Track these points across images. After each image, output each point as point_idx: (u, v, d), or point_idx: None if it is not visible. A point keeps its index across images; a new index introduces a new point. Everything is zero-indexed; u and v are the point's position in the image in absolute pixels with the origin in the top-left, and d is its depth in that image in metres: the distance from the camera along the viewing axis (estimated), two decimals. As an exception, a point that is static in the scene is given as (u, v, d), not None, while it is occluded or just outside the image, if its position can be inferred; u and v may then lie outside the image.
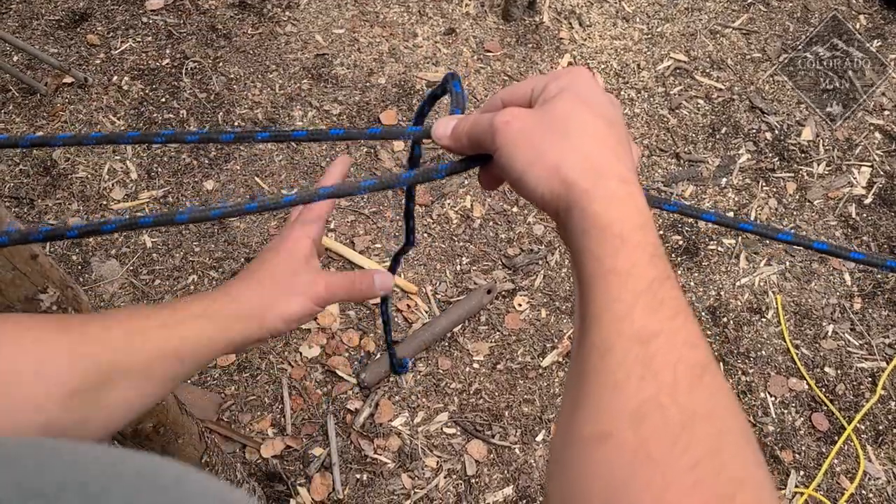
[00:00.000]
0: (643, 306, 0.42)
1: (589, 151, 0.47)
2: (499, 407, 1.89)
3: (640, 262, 0.43)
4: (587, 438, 0.40)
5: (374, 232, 2.15)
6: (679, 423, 0.38)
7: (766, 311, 2.11)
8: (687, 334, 0.42)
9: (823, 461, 1.88)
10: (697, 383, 0.40)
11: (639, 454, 0.37)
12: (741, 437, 0.40)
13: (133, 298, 1.97)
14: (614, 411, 0.40)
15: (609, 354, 0.41)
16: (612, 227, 0.44)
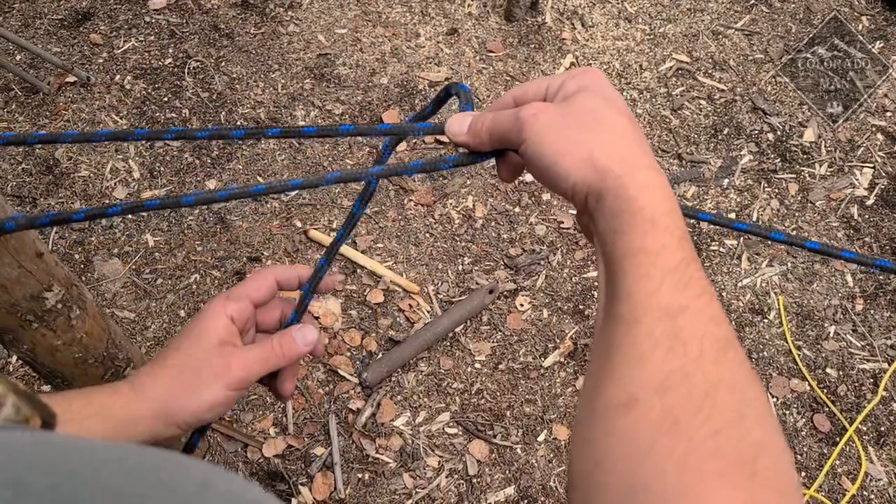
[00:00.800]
0: (671, 283, 0.44)
1: (618, 143, 0.49)
2: (500, 407, 1.89)
3: (669, 244, 0.45)
4: (614, 406, 0.41)
5: (377, 232, 2.15)
6: (703, 392, 0.39)
7: (768, 311, 2.11)
8: (712, 312, 0.44)
9: (825, 462, 1.88)
10: (722, 357, 0.41)
11: (664, 421, 0.39)
12: (762, 408, 0.41)
13: (135, 297, 1.97)
14: (641, 380, 0.41)
15: (637, 326, 0.43)
16: (644, 211, 0.46)
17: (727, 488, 0.36)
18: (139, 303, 1.97)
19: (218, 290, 2.00)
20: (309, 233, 2.10)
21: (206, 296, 1.99)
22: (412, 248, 2.14)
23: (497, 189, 2.27)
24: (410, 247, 2.14)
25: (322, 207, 2.18)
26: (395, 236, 2.16)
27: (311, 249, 2.09)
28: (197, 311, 1.97)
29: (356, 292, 2.03)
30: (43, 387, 1.77)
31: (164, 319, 1.95)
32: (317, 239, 2.09)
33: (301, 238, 2.11)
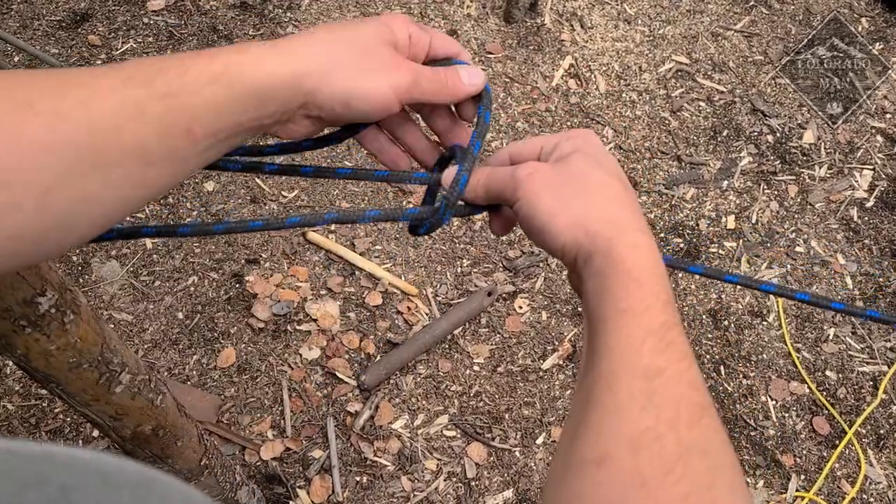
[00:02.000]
0: (652, 345, 0.45)
1: (609, 206, 0.51)
2: (499, 410, 1.89)
3: (654, 306, 0.46)
4: (586, 461, 0.42)
5: (375, 234, 2.15)
6: (675, 454, 0.40)
7: (768, 314, 2.11)
8: (691, 377, 0.44)
9: (824, 465, 1.88)
10: (697, 421, 0.42)
11: (634, 479, 0.39)
12: (734, 475, 0.42)
13: (133, 299, 1.97)
14: (615, 436, 0.41)
15: (616, 384, 0.44)
16: (631, 272, 0.48)
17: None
18: (137, 305, 1.96)
19: (216, 293, 2.00)
20: (307, 235, 2.10)
21: (204, 298, 1.99)
22: (411, 250, 2.13)
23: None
24: (409, 249, 2.13)
25: (320, 209, 2.17)
26: (394, 238, 2.15)
27: (309, 251, 2.09)
28: (195, 313, 1.96)
29: (354, 294, 2.02)
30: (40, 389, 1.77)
31: (161, 322, 1.95)
32: (315, 241, 2.09)
33: (299, 240, 2.11)
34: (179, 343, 1.92)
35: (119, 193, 0.44)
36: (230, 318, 1.96)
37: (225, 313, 1.97)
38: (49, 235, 0.42)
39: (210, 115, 0.46)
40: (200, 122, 0.45)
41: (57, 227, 0.42)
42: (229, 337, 1.93)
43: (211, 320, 1.95)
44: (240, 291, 2.00)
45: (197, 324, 1.95)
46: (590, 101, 2.51)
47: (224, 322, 1.95)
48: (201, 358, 1.90)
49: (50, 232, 0.42)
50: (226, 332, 1.94)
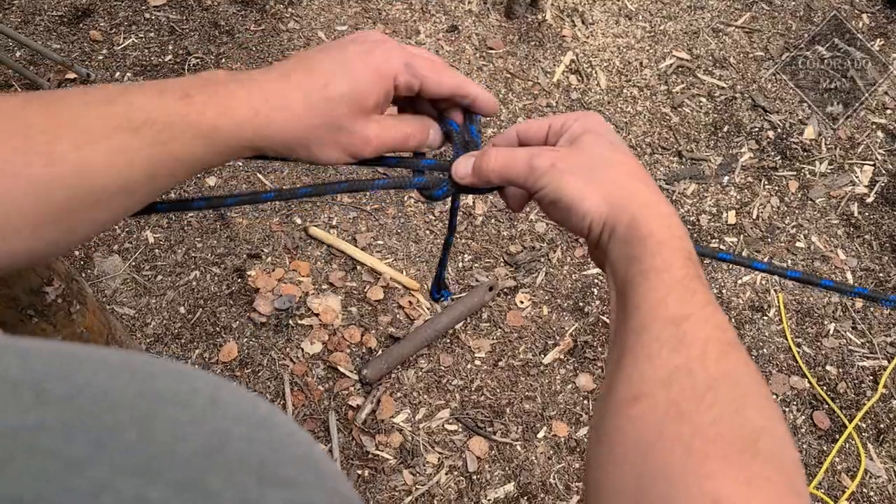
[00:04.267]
0: (676, 295, 0.47)
1: (628, 183, 0.55)
2: (500, 404, 1.90)
3: (676, 262, 0.49)
4: (623, 401, 0.44)
5: (377, 229, 2.15)
6: (705, 384, 0.42)
7: (768, 309, 2.11)
8: (717, 320, 0.47)
9: (824, 459, 1.88)
10: (724, 356, 0.44)
11: (670, 411, 0.42)
12: (764, 399, 0.44)
13: (135, 294, 1.97)
14: (647, 377, 0.44)
15: (645, 333, 0.47)
16: (654, 236, 0.51)
17: (731, 468, 0.39)
18: (139, 299, 1.97)
19: (218, 288, 2.01)
20: (309, 230, 2.10)
21: (205, 292, 1.99)
22: (412, 245, 2.14)
23: (497, 186, 2.27)
24: (410, 244, 2.14)
25: (322, 204, 2.18)
26: (396, 233, 2.15)
27: (311, 246, 2.09)
28: (197, 308, 1.97)
29: (356, 289, 2.03)
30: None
31: (163, 316, 1.95)
32: (317, 236, 2.09)
33: (301, 235, 2.11)
34: (181, 337, 1.92)
35: (104, 218, 0.49)
36: (232, 313, 1.96)
37: (227, 308, 1.97)
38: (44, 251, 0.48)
39: (193, 162, 0.50)
40: (183, 167, 0.50)
41: (54, 245, 0.47)
42: (231, 331, 1.94)
43: (213, 315, 1.96)
44: (242, 286, 2.00)
45: (199, 318, 1.95)
46: (591, 97, 2.52)
47: (226, 316, 1.96)
48: (203, 352, 1.90)
49: (46, 249, 0.47)
50: (228, 327, 1.94)
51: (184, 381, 0.28)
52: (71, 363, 0.27)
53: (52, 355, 0.27)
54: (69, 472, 0.22)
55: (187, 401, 0.27)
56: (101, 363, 0.27)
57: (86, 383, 0.26)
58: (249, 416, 0.28)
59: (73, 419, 0.24)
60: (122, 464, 0.23)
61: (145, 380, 0.27)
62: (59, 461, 0.22)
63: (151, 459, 0.24)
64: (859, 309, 2.13)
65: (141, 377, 0.27)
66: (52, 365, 0.26)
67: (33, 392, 0.24)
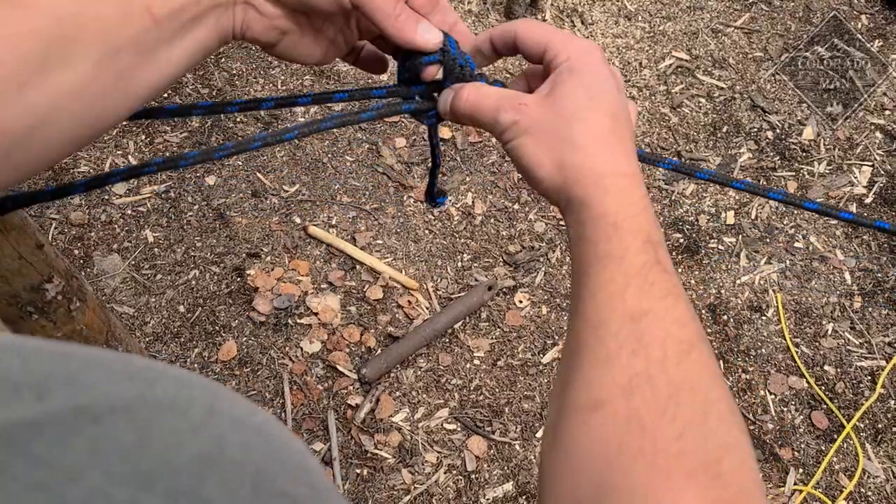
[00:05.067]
0: (635, 287, 0.45)
1: (590, 150, 0.50)
2: (499, 403, 1.90)
3: (633, 247, 0.46)
4: (582, 407, 0.43)
5: (376, 228, 2.15)
6: (666, 394, 0.41)
7: (767, 309, 2.12)
8: (677, 314, 0.45)
9: (823, 459, 1.89)
10: (685, 358, 0.43)
11: (631, 423, 0.40)
12: (726, 407, 0.43)
13: (135, 293, 1.97)
14: (607, 382, 0.42)
15: (602, 328, 0.44)
16: (607, 217, 0.48)
17: (693, 488, 0.38)
18: (138, 298, 1.97)
19: (217, 287, 2.01)
20: (308, 229, 2.10)
21: (205, 291, 1.99)
22: (411, 244, 2.14)
23: (496, 186, 2.27)
24: (410, 243, 2.14)
25: (321, 204, 2.18)
26: (395, 233, 2.16)
27: (310, 245, 2.09)
28: (196, 307, 1.97)
29: (355, 288, 2.03)
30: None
31: (163, 315, 1.95)
32: (316, 235, 2.09)
33: (300, 234, 2.11)
34: (181, 336, 1.92)
35: (95, 86, 0.45)
36: (231, 312, 1.97)
37: (226, 307, 1.97)
38: (35, 134, 0.43)
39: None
40: (157, 1, 0.46)
41: (40, 123, 0.43)
42: (230, 330, 1.94)
43: (212, 314, 1.96)
44: (241, 285, 2.01)
45: (198, 317, 1.95)
46: (590, 97, 2.52)
47: (225, 315, 1.96)
48: (203, 351, 1.90)
49: (35, 129, 0.43)
50: (227, 326, 1.94)
51: (182, 389, 0.28)
52: (72, 365, 0.27)
53: (54, 356, 0.27)
54: (63, 482, 0.22)
55: (185, 408, 0.27)
56: (102, 366, 0.27)
57: (87, 386, 0.26)
58: (246, 425, 0.28)
59: (71, 423, 0.24)
60: (116, 470, 0.23)
61: (145, 385, 0.27)
62: (54, 470, 0.22)
63: (147, 467, 0.23)
64: (857, 309, 2.14)
65: (140, 382, 0.27)
66: (54, 366, 0.26)
67: (34, 393, 0.24)
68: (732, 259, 2.21)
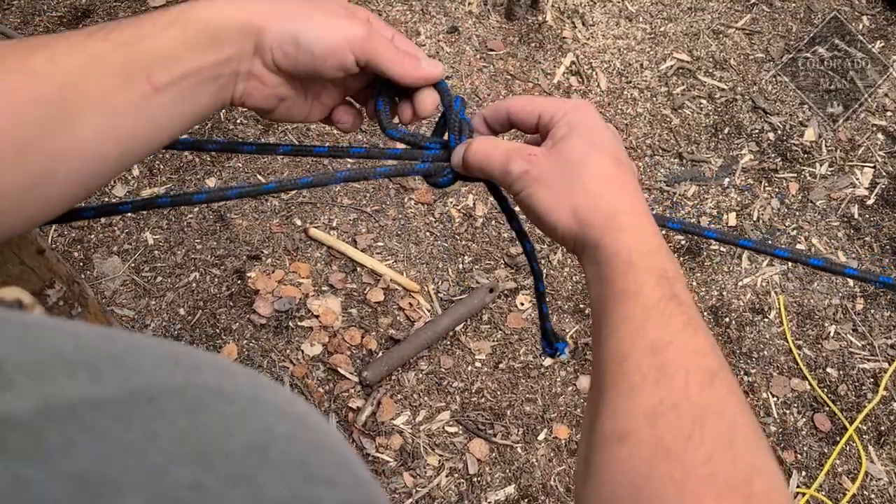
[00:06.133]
0: (654, 321, 0.46)
1: (600, 193, 0.53)
2: (501, 406, 1.89)
3: (648, 283, 0.48)
4: (609, 439, 0.43)
5: (377, 230, 2.15)
6: (691, 420, 0.42)
7: (769, 311, 2.11)
8: (697, 345, 0.46)
9: (825, 462, 1.88)
10: (707, 385, 0.44)
11: (658, 450, 0.41)
12: (752, 431, 0.43)
13: (135, 295, 1.97)
14: (632, 412, 0.44)
15: (625, 362, 0.45)
16: (621, 255, 0.50)
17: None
18: (139, 301, 1.96)
19: (218, 289, 2.00)
20: (309, 231, 2.10)
21: (205, 294, 1.99)
22: (412, 246, 2.13)
23: (497, 188, 2.27)
24: (411, 245, 2.13)
25: (322, 206, 2.17)
26: (396, 235, 2.15)
27: (311, 248, 2.09)
28: (197, 309, 1.96)
29: (356, 291, 2.02)
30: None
31: (163, 318, 1.95)
32: (317, 237, 2.09)
33: (301, 237, 2.11)
34: (181, 339, 1.92)
35: (93, 149, 0.46)
36: (232, 315, 1.96)
37: (227, 309, 1.97)
38: (32, 193, 0.44)
39: (167, 61, 0.47)
40: (158, 70, 0.47)
41: (37, 183, 0.44)
42: (231, 333, 1.93)
43: (213, 316, 1.95)
44: (241, 287, 2.00)
45: (199, 320, 1.95)
46: (591, 99, 2.51)
47: (226, 318, 1.95)
48: (203, 354, 1.90)
49: (32, 189, 0.44)
50: (227, 329, 1.94)
51: (226, 376, 0.28)
52: (118, 347, 0.27)
53: (101, 338, 0.28)
54: (127, 456, 0.22)
55: (231, 396, 0.27)
56: (147, 350, 0.28)
57: (136, 369, 0.26)
58: (290, 415, 0.29)
59: (129, 404, 0.24)
60: (175, 451, 0.23)
61: (190, 371, 0.28)
62: (118, 444, 0.23)
63: (202, 450, 0.24)
64: (860, 311, 2.13)
65: (186, 368, 0.28)
66: (103, 348, 0.27)
67: (88, 373, 0.25)
68: (734, 261, 2.20)
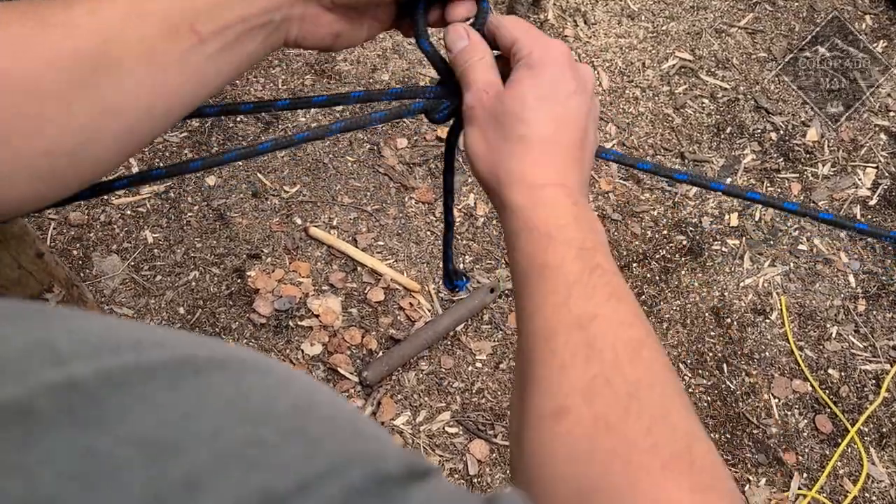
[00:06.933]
0: (577, 295, 0.46)
1: (529, 158, 0.51)
2: (501, 406, 1.88)
3: (568, 256, 0.47)
4: (545, 416, 0.43)
5: (377, 229, 2.14)
6: (626, 393, 0.41)
7: (770, 312, 2.11)
8: (621, 316, 0.46)
9: (827, 463, 1.88)
10: (636, 357, 0.44)
11: (598, 425, 0.41)
12: (681, 398, 0.44)
13: (134, 294, 1.96)
14: (566, 389, 0.43)
15: (553, 339, 0.45)
16: (539, 228, 0.48)
17: (673, 477, 0.38)
18: (138, 300, 1.95)
19: (217, 288, 1.99)
20: (309, 230, 2.09)
21: (205, 293, 1.98)
22: (413, 246, 2.12)
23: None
24: (411, 245, 2.12)
25: (322, 205, 2.16)
26: (396, 234, 2.14)
27: (311, 247, 2.08)
28: (196, 308, 1.95)
29: (356, 290, 2.02)
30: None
31: (163, 316, 1.94)
32: (317, 236, 2.08)
33: (301, 235, 2.10)
34: (181, 338, 1.91)
35: (138, 104, 0.45)
36: (232, 314, 1.95)
37: (226, 308, 1.96)
38: (81, 152, 0.44)
39: (212, 9, 0.46)
40: (202, 18, 0.45)
41: (86, 140, 0.43)
42: (231, 332, 1.92)
43: (212, 315, 1.95)
44: (241, 286, 1.99)
45: (198, 319, 1.94)
46: (593, 98, 2.50)
47: (225, 317, 1.95)
48: (203, 353, 1.89)
49: (81, 148, 0.44)
50: (227, 328, 1.93)
51: (256, 356, 0.30)
52: (156, 332, 0.29)
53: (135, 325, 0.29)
54: (182, 420, 0.23)
55: (267, 370, 0.28)
56: (183, 333, 0.29)
57: (176, 346, 0.27)
58: (323, 387, 0.30)
59: (177, 372, 0.25)
60: (227, 414, 0.24)
61: (225, 347, 0.29)
62: (171, 410, 0.24)
63: (252, 412, 0.25)
64: (862, 312, 2.13)
65: (219, 348, 0.29)
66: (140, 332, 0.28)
67: (133, 351, 0.26)
68: (736, 261, 2.20)
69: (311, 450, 0.25)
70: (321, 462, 0.24)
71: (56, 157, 0.43)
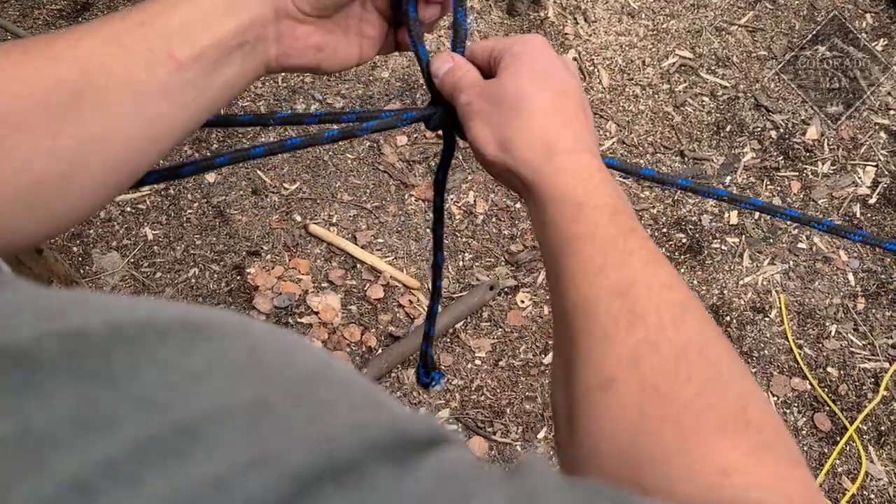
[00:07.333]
0: (614, 261, 0.44)
1: (538, 127, 0.50)
2: (500, 404, 1.89)
3: (601, 222, 0.46)
4: (591, 388, 0.42)
5: (377, 227, 2.14)
6: (674, 356, 0.40)
7: (770, 310, 2.11)
8: (662, 279, 0.44)
9: (825, 461, 1.88)
10: (681, 320, 0.42)
11: (646, 390, 0.39)
12: (733, 360, 0.42)
13: (134, 291, 1.96)
14: (611, 358, 0.42)
15: (594, 310, 0.44)
16: (567, 196, 0.47)
17: (728, 438, 0.37)
18: (138, 296, 1.96)
19: (217, 285, 1.99)
20: (309, 227, 2.09)
21: (205, 290, 1.98)
22: (413, 243, 2.12)
23: (498, 185, 2.26)
24: (411, 242, 2.13)
25: (322, 202, 2.16)
26: (396, 231, 2.14)
27: (310, 244, 2.08)
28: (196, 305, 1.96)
29: (356, 287, 2.02)
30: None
31: (162, 313, 1.94)
32: (316, 234, 2.08)
33: (301, 232, 2.10)
34: (180, 335, 1.91)
35: (123, 133, 0.46)
36: (231, 311, 1.95)
37: (226, 305, 1.96)
38: (69, 182, 0.44)
39: (185, 35, 0.47)
40: (178, 44, 0.46)
41: (73, 171, 0.44)
42: (230, 329, 1.92)
43: (212, 312, 1.95)
44: (241, 283, 1.99)
45: (198, 316, 1.94)
46: (593, 96, 2.50)
47: (225, 314, 1.95)
48: (202, 350, 1.89)
49: (69, 178, 0.44)
50: (227, 325, 1.93)
51: (272, 326, 0.30)
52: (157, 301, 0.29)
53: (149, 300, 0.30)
54: (191, 382, 0.24)
55: (281, 337, 0.29)
56: (197, 306, 0.30)
57: (185, 312, 0.27)
58: (340, 362, 0.30)
59: (188, 336, 0.25)
60: (237, 377, 0.25)
61: (237, 319, 0.29)
62: (181, 372, 0.24)
63: (263, 376, 0.25)
64: (861, 311, 2.13)
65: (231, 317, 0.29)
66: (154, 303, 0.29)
67: (146, 314, 0.26)
68: (735, 259, 2.20)
69: (318, 414, 0.25)
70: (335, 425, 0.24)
71: (46, 188, 0.43)
